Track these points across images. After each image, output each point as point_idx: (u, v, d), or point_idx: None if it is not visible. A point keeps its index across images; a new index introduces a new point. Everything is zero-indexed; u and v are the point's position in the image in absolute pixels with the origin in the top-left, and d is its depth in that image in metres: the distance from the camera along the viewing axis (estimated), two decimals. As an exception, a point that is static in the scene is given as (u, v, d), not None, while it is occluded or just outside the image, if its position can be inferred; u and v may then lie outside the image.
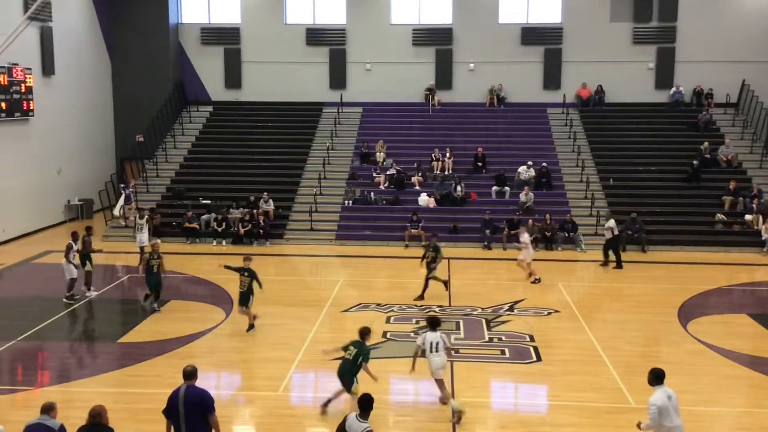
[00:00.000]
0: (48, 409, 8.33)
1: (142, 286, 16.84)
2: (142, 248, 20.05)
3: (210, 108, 30.67)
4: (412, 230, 23.36)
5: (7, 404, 10.89)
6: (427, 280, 17.23)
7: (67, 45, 26.63)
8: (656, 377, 8.66)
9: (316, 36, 30.43)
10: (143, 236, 20.49)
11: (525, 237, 19.25)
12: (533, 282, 18.82)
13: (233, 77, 30.89)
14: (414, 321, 15.64)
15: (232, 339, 14.68)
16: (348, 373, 10.66)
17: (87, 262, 17.40)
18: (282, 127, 29.17)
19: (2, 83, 22.49)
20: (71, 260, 16.92)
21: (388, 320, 15.68)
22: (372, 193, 25.47)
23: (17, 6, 23.25)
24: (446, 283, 17.61)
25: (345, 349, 10.89)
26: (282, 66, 30.41)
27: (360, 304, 16.90)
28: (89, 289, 17.45)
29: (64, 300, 16.75)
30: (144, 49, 29.71)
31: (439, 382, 11.21)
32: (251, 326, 14.84)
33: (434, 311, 16.24)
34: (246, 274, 14.70)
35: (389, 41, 30.23)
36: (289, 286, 18.48)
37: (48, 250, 22.10)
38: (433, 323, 11.32)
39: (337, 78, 30.63)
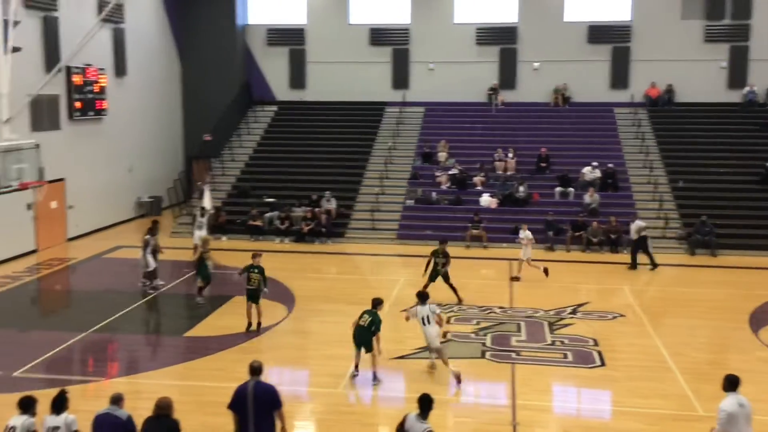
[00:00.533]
0: (117, 399, 8.60)
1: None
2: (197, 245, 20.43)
3: (275, 108, 31.13)
4: (474, 231, 23.23)
5: (78, 394, 11.28)
6: (450, 285, 16.95)
7: (139, 46, 27.43)
8: (730, 383, 8.42)
9: (379, 36, 30.56)
10: (201, 233, 20.91)
11: (527, 234, 19.13)
12: (514, 279, 18.84)
13: (298, 77, 31.28)
14: (474, 322, 15.55)
15: (293, 335, 14.87)
16: (366, 340, 12.06)
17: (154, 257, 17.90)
18: (345, 127, 29.38)
19: (77, 83, 23.31)
20: (148, 253, 17.44)
21: (448, 320, 15.63)
22: (433, 193, 25.43)
23: (91, 8, 24.06)
24: (456, 292, 17.10)
25: (360, 317, 12.18)
26: (345, 66, 30.63)
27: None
28: (152, 282, 17.90)
29: (149, 291, 17.21)
30: (212, 50, 30.36)
31: (438, 350, 12.30)
32: (258, 324, 14.81)
33: (495, 312, 16.13)
34: (255, 271, 14.79)
35: (453, 40, 30.11)
36: (350, 285, 18.62)
37: (119, 245, 22.81)
38: (423, 297, 12.53)
39: (400, 78, 30.68)
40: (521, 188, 25.03)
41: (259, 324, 14.88)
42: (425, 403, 8.25)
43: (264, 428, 8.45)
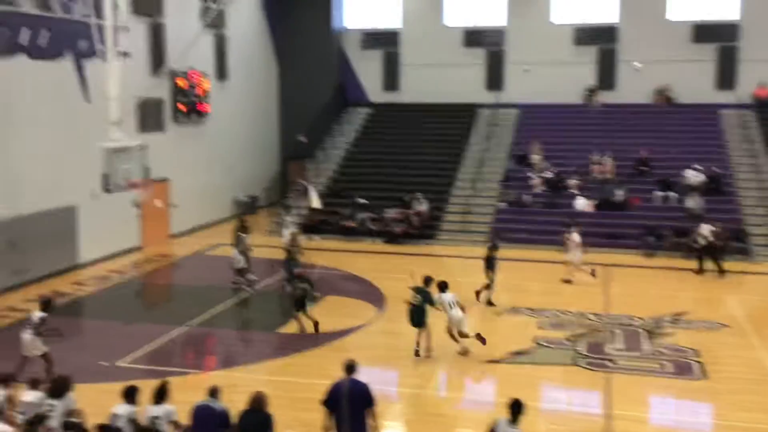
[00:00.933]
0: (214, 392, 8.89)
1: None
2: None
3: (369, 110, 31.44)
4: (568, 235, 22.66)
5: (178, 385, 11.71)
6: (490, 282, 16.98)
7: (240, 51, 28.30)
8: None
9: (474, 37, 30.36)
10: (291, 231, 21.34)
11: (575, 237, 18.93)
12: (566, 281, 18.67)
13: (391, 79, 31.48)
14: (567, 328, 15.18)
15: (383, 335, 14.96)
16: (421, 318, 13.12)
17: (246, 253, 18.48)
18: (438, 129, 29.33)
19: (182, 87, 24.26)
20: (239, 250, 17.98)
21: (540, 326, 15.35)
22: (527, 196, 25.04)
23: (195, 15, 24.99)
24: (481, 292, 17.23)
25: (413, 297, 13.19)
26: (439, 68, 30.57)
27: (512, 307, 16.66)
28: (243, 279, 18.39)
29: (244, 288, 17.73)
30: (309, 53, 30.96)
31: (461, 333, 13.30)
32: (316, 326, 14.73)
33: (590, 318, 15.73)
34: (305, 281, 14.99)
35: (549, 41, 29.56)
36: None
37: (218, 243, 23.57)
38: (444, 286, 13.53)
39: (494, 79, 30.38)
40: (619, 192, 24.30)
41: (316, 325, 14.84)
42: (516, 409, 8.14)
43: (358, 426, 8.54)
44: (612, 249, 22.25)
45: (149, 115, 22.66)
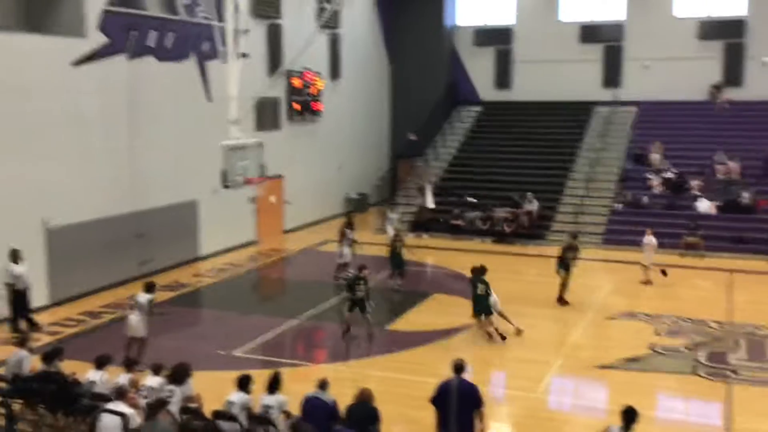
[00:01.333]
0: (323, 384, 9.09)
1: (408, 277, 17.74)
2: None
3: (479, 108, 31.19)
4: (689, 238, 21.70)
5: (289, 377, 12.04)
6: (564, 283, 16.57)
7: (352, 50, 28.74)
8: None
9: (591, 33, 29.52)
10: (394, 227, 21.53)
11: (650, 239, 18.43)
12: (645, 282, 18.05)
13: (503, 77, 31.09)
14: (687, 335, 14.50)
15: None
16: (485, 306, 14.01)
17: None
18: (550, 127, 28.73)
19: (297, 86, 24.91)
20: (345, 245, 18.28)
21: (657, 332, 14.74)
22: (645, 197, 24.10)
23: (311, 16, 25.59)
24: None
25: (476, 288, 14.08)
26: (553, 65, 29.94)
27: (627, 312, 16.09)
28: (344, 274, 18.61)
29: (343, 281, 18.00)
30: (420, 52, 31.06)
31: (499, 313, 14.33)
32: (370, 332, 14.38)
33: (711, 326, 14.99)
34: (362, 283, 14.39)
35: (671, 36, 28.32)
36: (551, 288, 18.09)
37: (328, 240, 24.04)
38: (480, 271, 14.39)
39: (612, 76, 29.42)
40: (745, 194, 22.99)
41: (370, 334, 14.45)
42: (630, 416, 7.86)
43: (465, 425, 8.50)
44: (737, 254, 21.10)
45: (266, 114, 23.41)
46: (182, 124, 19.99)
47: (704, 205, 23.16)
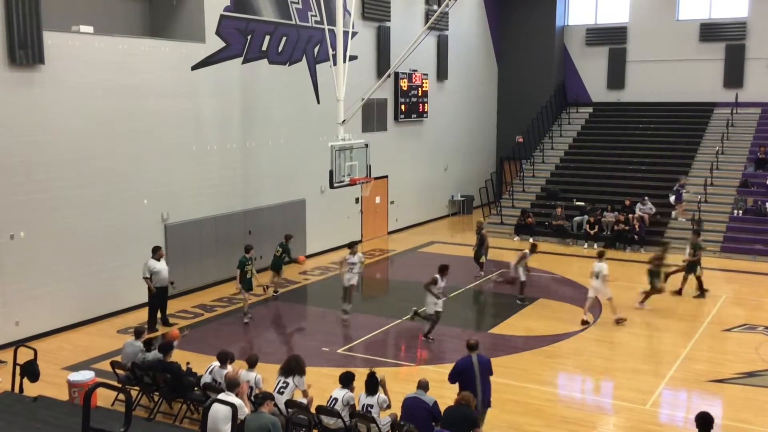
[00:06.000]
0: (424, 385, 9.11)
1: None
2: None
3: (590, 109, 30.38)
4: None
5: (391, 376, 12.14)
6: (699, 279, 16.79)
7: (460, 51, 28.63)
8: None
9: (711, 31, 28.18)
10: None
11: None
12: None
13: (616, 77, 30.15)
14: (813, 352, 13.63)
15: (599, 344, 14.37)
16: None
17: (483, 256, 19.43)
18: (666, 129, 27.63)
19: (404, 88, 25.07)
20: (520, 266, 17.21)
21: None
22: (767, 204, 22.76)
23: (419, 18, 25.70)
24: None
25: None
26: (670, 64, 28.79)
27: (746, 324, 15.26)
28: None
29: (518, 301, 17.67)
30: (529, 52, 30.60)
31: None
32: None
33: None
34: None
35: (800, 32, 26.67)
36: (665, 297, 17.42)
37: (433, 241, 24.05)
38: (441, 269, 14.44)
39: (733, 76, 27.97)
40: None
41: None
42: (704, 423, 7.56)
43: (486, 392, 9.71)
44: None
45: (373, 115, 23.70)
46: (292, 125, 20.53)
47: (834, 214, 21.64)
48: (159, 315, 15.16)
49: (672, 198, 23.66)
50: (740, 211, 22.96)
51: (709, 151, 25.98)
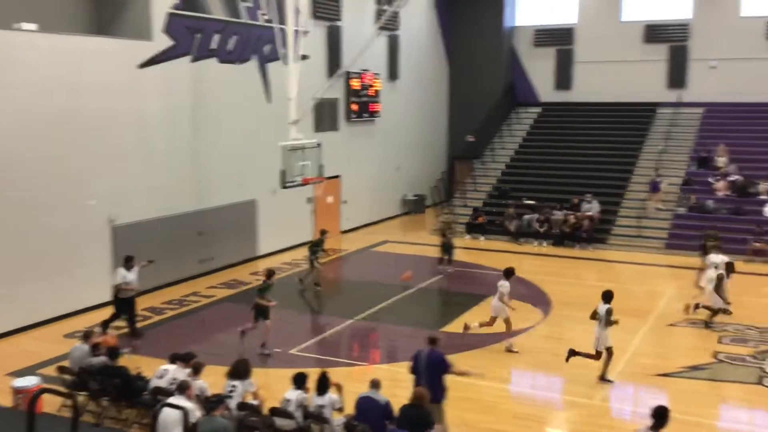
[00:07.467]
0: (376, 384, 9.14)
1: (461, 281, 17.62)
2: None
3: (539, 109, 30.84)
4: (756, 244, 21.01)
5: (344, 376, 12.14)
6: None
7: (411, 51, 28.76)
8: None
9: (655, 32, 28.89)
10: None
11: (715, 259, 16.41)
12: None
13: (564, 78, 30.66)
14: (753, 344, 14.07)
15: (548, 341, 14.60)
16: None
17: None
18: (611, 129, 28.22)
19: (355, 88, 25.07)
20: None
21: (720, 340, 14.33)
22: (710, 201, 23.44)
23: (370, 17, 25.72)
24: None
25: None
26: (615, 65, 29.41)
27: (689, 319, 15.68)
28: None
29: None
30: (479, 52, 30.89)
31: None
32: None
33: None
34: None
35: (739, 35, 27.48)
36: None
37: (385, 240, 24.12)
38: (507, 273, 14.29)
39: (676, 77, 28.71)
40: (817, 199, 22.15)
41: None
42: (660, 416, 7.72)
43: (434, 388, 9.39)
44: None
45: (324, 115, 23.63)
46: (243, 125, 20.34)
47: (773, 210, 22.40)
48: (129, 327, 14.63)
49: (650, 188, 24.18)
50: (684, 209, 23.58)
51: (653, 150, 26.62)
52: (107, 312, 15.99)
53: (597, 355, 12.29)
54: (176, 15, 17.92)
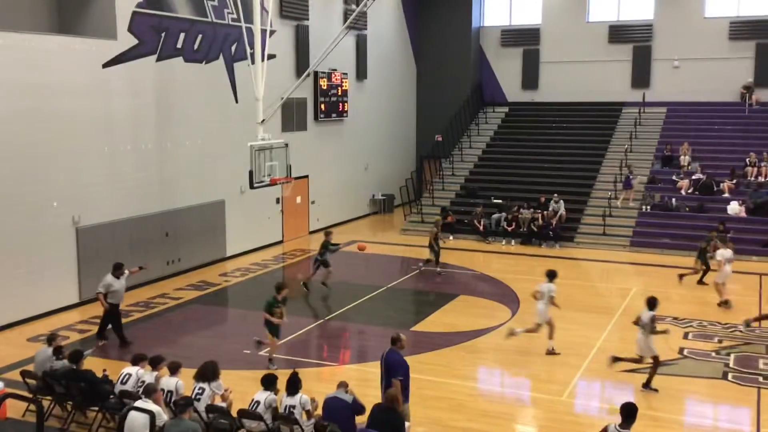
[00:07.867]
0: (343, 385, 9.15)
1: (431, 280, 17.66)
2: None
3: (506, 109, 31.06)
4: (719, 241, 21.35)
5: (313, 377, 12.10)
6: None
7: (379, 51, 28.78)
8: None
9: (619, 33, 29.28)
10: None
11: (726, 253, 16.91)
12: (721, 304, 16.54)
13: (530, 78, 30.92)
14: (716, 339, 14.34)
15: (516, 339, 14.67)
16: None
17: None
18: (578, 128, 28.54)
19: (323, 87, 25.01)
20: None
21: (685, 336, 14.58)
22: (673, 199, 23.82)
23: (338, 17, 25.68)
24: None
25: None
26: (581, 65, 29.75)
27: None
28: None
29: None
30: (447, 52, 31.02)
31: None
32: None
33: (741, 331, 14.76)
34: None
35: (702, 36, 27.99)
36: (578, 291, 18.03)
37: (354, 240, 24.07)
38: (551, 275, 13.79)
39: (640, 76, 29.14)
40: (776, 196, 22.62)
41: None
42: (629, 412, 7.83)
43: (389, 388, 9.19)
44: (767, 257, 20.74)
45: (293, 115, 23.53)
46: (210, 125, 20.16)
47: (734, 208, 22.82)
48: (117, 335, 14.30)
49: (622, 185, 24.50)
50: (648, 207, 23.93)
51: (619, 149, 26.97)
52: (72, 316, 15.78)
53: (639, 360, 12.22)
54: (141, 14, 17.70)
